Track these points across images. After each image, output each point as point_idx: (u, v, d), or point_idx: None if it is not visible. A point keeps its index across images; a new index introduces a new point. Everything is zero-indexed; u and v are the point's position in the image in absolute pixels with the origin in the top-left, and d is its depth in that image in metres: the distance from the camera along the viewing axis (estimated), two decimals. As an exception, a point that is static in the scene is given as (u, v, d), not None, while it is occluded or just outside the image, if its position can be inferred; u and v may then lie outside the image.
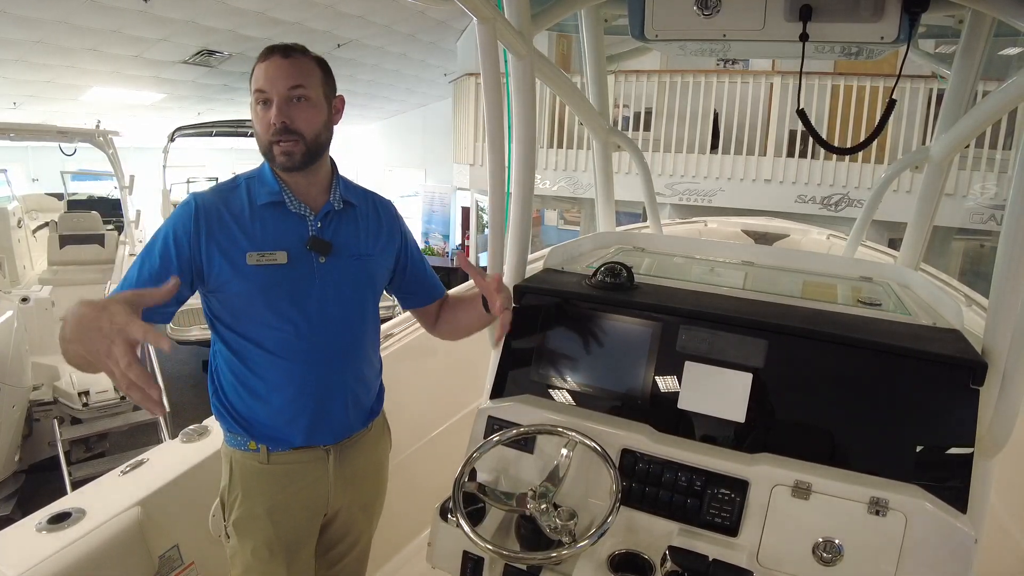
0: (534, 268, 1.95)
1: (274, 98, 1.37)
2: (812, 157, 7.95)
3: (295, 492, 1.50)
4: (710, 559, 1.26)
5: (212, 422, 2.00)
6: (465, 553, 1.46)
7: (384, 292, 1.69)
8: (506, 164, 1.83)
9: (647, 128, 8.71)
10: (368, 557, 1.75)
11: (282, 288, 1.43)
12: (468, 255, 13.02)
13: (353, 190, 1.59)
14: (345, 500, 1.58)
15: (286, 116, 1.38)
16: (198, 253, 1.39)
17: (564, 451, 1.41)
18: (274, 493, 1.49)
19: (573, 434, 1.41)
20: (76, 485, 3.49)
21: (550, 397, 1.64)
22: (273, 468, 1.48)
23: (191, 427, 1.99)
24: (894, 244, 5.70)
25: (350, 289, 1.51)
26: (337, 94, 1.50)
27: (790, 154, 8.07)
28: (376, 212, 1.62)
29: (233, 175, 1.52)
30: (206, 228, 1.39)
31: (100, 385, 5.15)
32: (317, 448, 1.51)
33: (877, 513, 1.26)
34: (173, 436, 2.04)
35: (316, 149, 1.44)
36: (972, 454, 1.30)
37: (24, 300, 5.43)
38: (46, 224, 7.62)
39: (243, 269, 1.40)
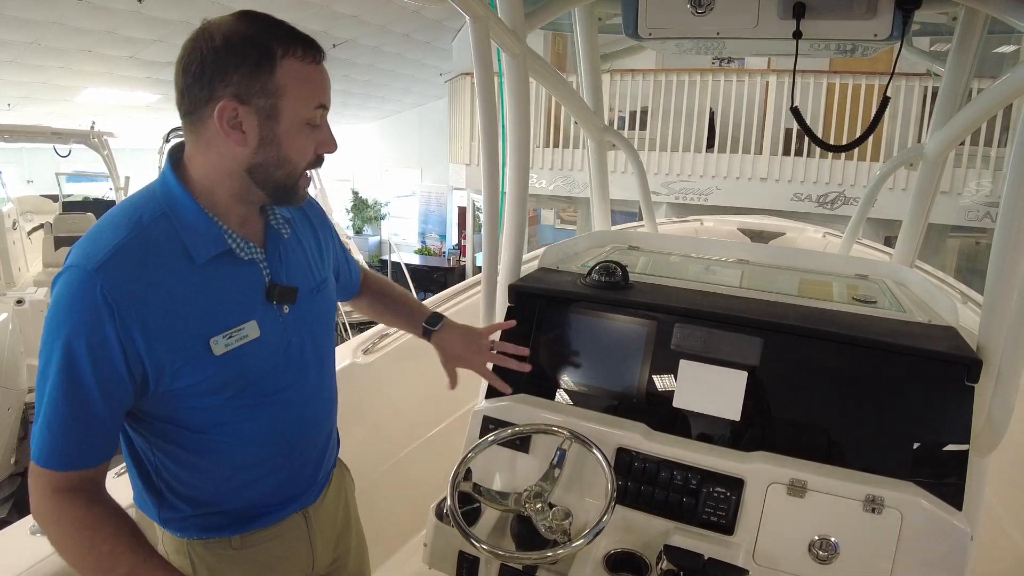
0: (530, 268, 1.95)
1: (325, 118, 1.08)
2: (808, 155, 7.97)
3: (278, 566, 1.25)
4: (706, 558, 1.26)
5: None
6: (461, 553, 1.46)
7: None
8: (500, 163, 1.83)
9: (643, 127, 8.71)
10: None
11: (260, 367, 1.10)
12: (465, 255, 13.02)
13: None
14: (327, 559, 1.36)
15: None
16: (138, 362, 0.97)
17: (559, 450, 1.40)
18: (255, 574, 1.23)
19: (568, 433, 1.41)
20: (72, 487, 3.48)
21: (545, 396, 1.64)
22: (248, 551, 1.20)
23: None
24: (890, 242, 5.71)
25: (317, 332, 1.23)
26: None
27: (786, 152, 8.09)
28: (308, 220, 1.29)
29: (128, 210, 1.03)
30: (137, 321, 0.95)
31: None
32: (295, 515, 1.26)
33: (873, 511, 1.26)
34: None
35: None
36: (967, 451, 1.30)
37: (19, 302, 5.41)
38: (41, 226, 7.59)
39: (209, 362, 1.03)
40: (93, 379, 0.95)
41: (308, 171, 1.10)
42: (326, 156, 1.11)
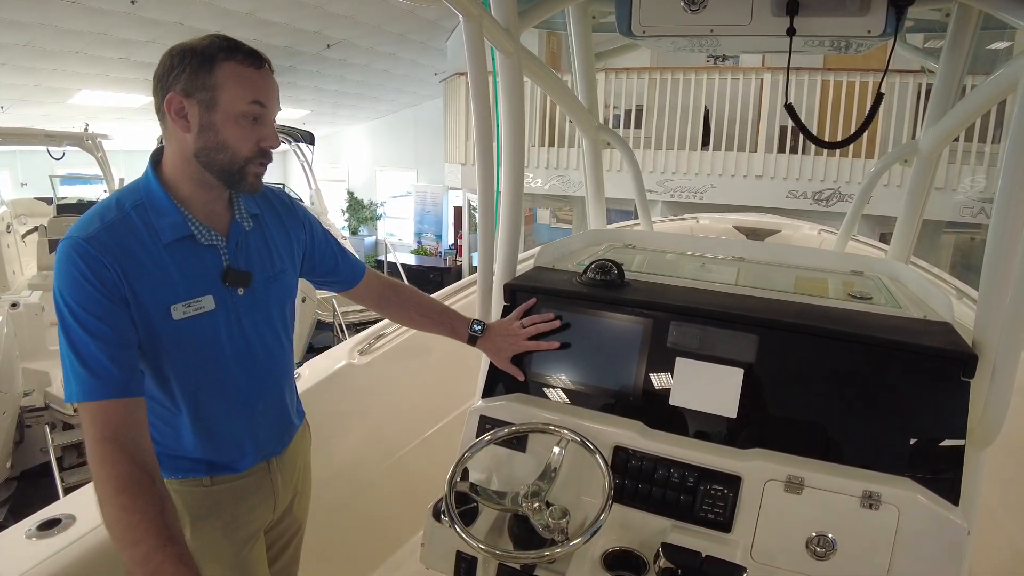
0: (526, 267, 1.94)
1: (269, 116, 1.26)
2: (803, 153, 7.98)
3: (244, 507, 1.42)
4: (703, 555, 1.26)
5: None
6: (458, 553, 1.46)
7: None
8: (495, 163, 1.83)
9: (638, 126, 8.72)
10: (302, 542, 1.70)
11: (213, 337, 1.29)
12: (461, 254, 13.02)
13: (248, 196, 1.39)
14: (286, 503, 1.55)
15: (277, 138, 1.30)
16: (123, 302, 1.17)
17: (556, 449, 1.40)
18: (224, 512, 1.39)
19: (565, 432, 1.41)
20: (69, 491, 3.47)
21: (542, 395, 1.63)
22: (219, 488, 1.38)
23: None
24: (885, 238, 5.72)
25: (270, 313, 1.40)
26: None
27: (781, 150, 8.10)
28: (276, 214, 1.46)
29: (117, 198, 1.25)
30: (121, 273, 1.16)
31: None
32: (260, 464, 1.44)
33: (870, 507, 1.26)
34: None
35: None
36: (964, 446, 1.30)
37: (14, 306, 5.38)
38: (35, 229, 7.56)
39: (170, 325, 1.22)
40: (87, 316, 1.13)
41: (260, 162, 1.26)
42: (268, 151, 1.27)
